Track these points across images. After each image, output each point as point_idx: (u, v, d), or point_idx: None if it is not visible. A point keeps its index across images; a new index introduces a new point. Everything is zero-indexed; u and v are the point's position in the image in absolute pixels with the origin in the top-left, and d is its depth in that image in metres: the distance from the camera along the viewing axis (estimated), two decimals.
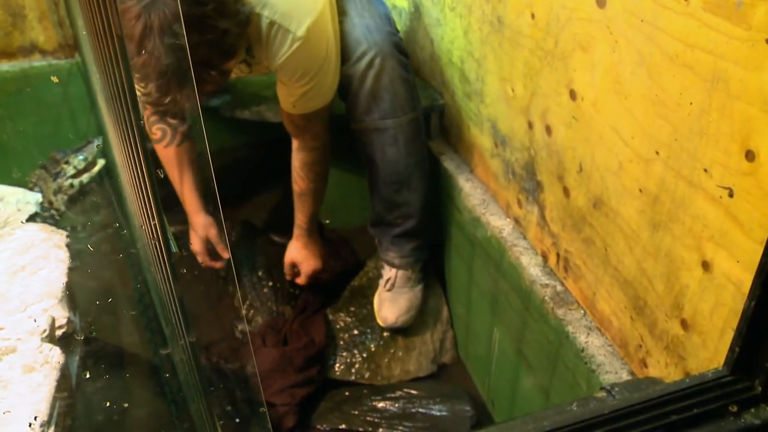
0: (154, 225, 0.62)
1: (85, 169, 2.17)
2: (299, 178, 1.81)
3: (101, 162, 2.22)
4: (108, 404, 1.37)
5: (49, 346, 1.09)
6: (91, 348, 1.39)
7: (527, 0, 1.32)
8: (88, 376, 1.27)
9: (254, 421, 1.56)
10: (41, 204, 1.77)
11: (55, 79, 2.33)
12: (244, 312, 1.98)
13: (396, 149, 1.69)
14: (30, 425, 0.94)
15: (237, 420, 1.60)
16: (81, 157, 2.15)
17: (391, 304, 1.91)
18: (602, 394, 0.75)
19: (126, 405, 1.40)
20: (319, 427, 1.78)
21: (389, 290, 1.92)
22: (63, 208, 1.99)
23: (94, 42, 0.84)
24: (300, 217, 1.90)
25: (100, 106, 1.56)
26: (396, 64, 1.62)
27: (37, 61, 2.43)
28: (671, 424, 0.72)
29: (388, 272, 1.93)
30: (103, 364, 1.43)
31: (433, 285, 2.01)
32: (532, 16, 1.31)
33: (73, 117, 2.20)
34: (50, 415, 0.96)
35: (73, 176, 2.14)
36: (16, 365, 1.03)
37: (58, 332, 1.16)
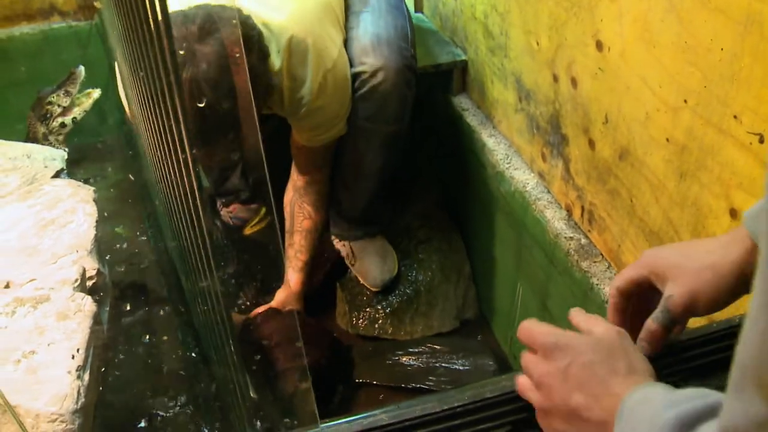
0: (184, 159, 0.62)
1: (72, 105, 2.09)
2: (314, 212, 1.79)
3: (96, 93, 2.13)
4: (140, 348, 1.40)
5: (81, 295, 1.11)
6: (120, 297, 1.42)
7: None
8: (121, 318, 1.30)
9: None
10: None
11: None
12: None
13: (366, 147, 1.67)
14: (69, 372, 0.97)
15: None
16: (63, 92, 2.08)
17: (368, 267, 1.90)
18: None
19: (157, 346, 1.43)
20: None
21: (354, 263, 1.92)
22: (62, 150, 1.76)
23: None
24: (303, 258, 1.84)
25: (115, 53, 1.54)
26: (398, 81, 1.58)
27: (57, 23, 2.43)
28: (696, 367, 0.73)
29: (340, 247, 1.94)
30: (131, 314, 1.45)
31: (455, 240, 2.02)
32: None
33: (91, 78, 2.19)
34: (85, 359, 0.99)
35: (62, 114, 2.07)
36: (50, 313, 1.06)
37: (89, 283, 1.19)
